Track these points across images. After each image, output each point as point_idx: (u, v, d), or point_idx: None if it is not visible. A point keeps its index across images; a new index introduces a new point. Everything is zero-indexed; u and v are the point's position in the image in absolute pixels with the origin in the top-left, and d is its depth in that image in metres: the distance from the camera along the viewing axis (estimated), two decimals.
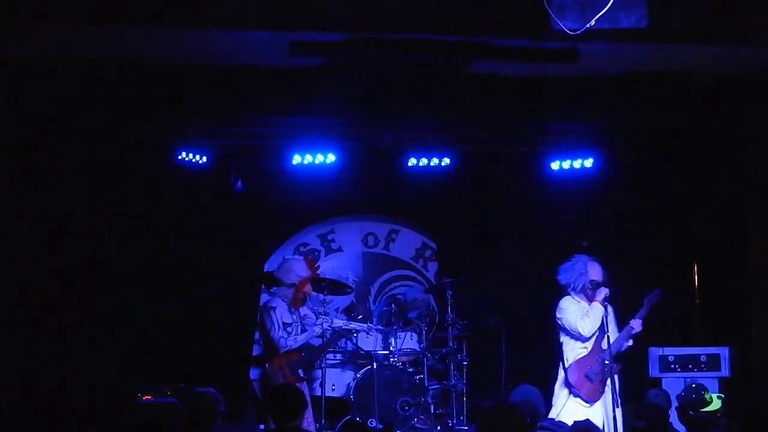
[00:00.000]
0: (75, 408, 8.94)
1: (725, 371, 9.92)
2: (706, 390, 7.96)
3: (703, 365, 10.03)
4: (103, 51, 8.73)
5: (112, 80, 9.01)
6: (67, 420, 8.94)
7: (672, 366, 10.08)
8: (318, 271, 10.09)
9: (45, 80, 8.95)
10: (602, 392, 8.87)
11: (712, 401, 7.84)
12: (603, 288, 9.03)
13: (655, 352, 10.13)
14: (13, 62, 8.81)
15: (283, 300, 9.72)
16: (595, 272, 9.10)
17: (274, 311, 9.56)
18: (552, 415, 8.63)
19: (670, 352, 10.12)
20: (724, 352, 10.01)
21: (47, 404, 9.01)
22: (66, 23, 7.94)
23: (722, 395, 8.39)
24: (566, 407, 8.84)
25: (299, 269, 9.84)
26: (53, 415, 8.83)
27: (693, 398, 7.82)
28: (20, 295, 9.29)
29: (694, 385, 8.12)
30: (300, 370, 9.68)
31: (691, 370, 10.03)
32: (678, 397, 7.98)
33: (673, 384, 9.87)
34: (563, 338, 9.12)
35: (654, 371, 10.10)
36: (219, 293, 10.98)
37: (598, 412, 8.78)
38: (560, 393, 9.02)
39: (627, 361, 9.51)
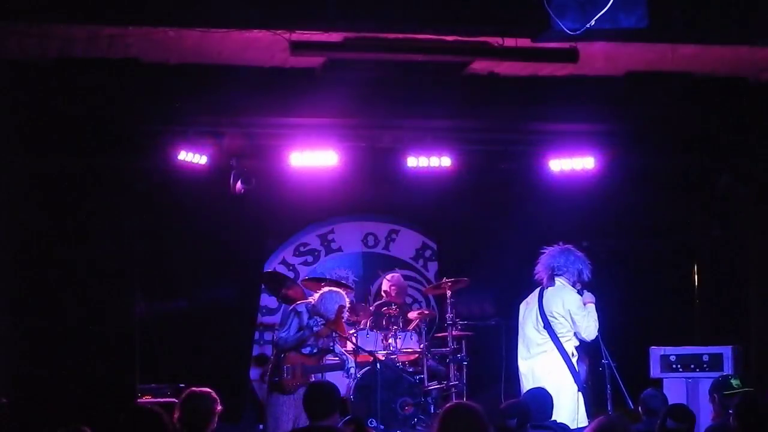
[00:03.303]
0: (74, 408, 8.94)
1: (728, 371, 9.79)
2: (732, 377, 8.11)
3: (705, 365, 9.84)
4: (103, 51, 8.73)
5: (112, 80, 9.01)
6: (67, 420, 8.93)
7: (674, 366, 9.90)
8: (344, 320, 9.97)
9: (45, 80, 8.95)
10: None
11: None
12: (590, 295, 8.88)
13: (657, 351, 9.97)
14: (13, 62, 8.80)
15: (307, 311, 9.63)
16: (587, 268, 8.97)
17: (295, 314, 9.53)
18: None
19: (672, 351, 9.97)
20: (726, 351, 9.83)
21: (47, 404, 9.02)
22: (66, 23, 7.94)
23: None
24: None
25: (323, 303, 9.55)
26: (53, 414, 8.83)
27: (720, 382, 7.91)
28: (20, 295, 9.30)
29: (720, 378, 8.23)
30: (313, 377, 9.63)
31: (693, 370, 9.85)
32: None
33: (674, 385, 9.76)
34: (564, 331, 8.79)
35: (655, 371, 9.95)
36: (219, 293, 10.99)
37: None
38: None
39: (627, 362, 9.53)
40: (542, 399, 7.48)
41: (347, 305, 9.60)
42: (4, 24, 7.90)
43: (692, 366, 9.86)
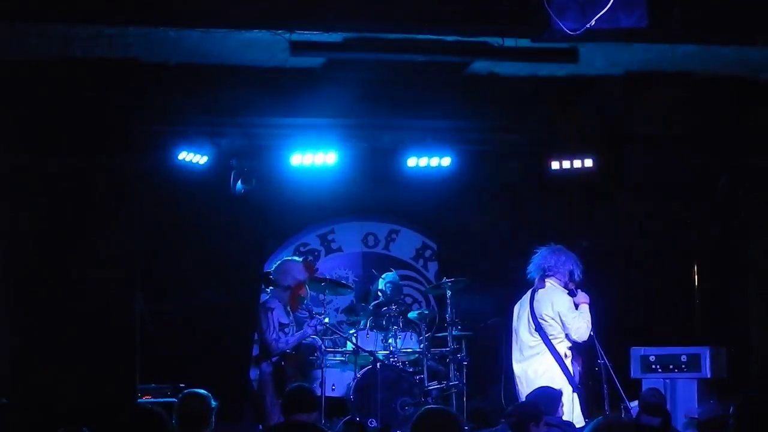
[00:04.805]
0: (75, 408, 8.94)
1: (706, 372, 9.64)
2: None
3: (683, 366, 9.70)
4: (103, 51, 8.73)
5: (112, 80, 9.01)
6: (67, 420, 8.93)
7: (653, 366, 9.78)
8: (317, 273, 10.06)
9: (45, 80, 8.95)
10: None
11: None
12: (585, 294, 8.85)
13: (637, 352, 9.88)
14: (13, 62, 8.80)
15: (279, 301, 9.71)
16: (579, 267, 8.95)
17: (272, 312, 9.55)
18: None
19: (652, 352, 9.87)
20: (705, 352, 9.68)
21: (47, 404, 9.01)
22: (66, 23, 7.94)
23: None
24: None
25: (296, 272, 9.77)
26: (53, 414, 8.83)
27: None
28: (20, 295, 9.29)
29: None
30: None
31: (672, 371, 9.71)
32: None
33: (653, 385, 9.55)
34: (555, 332, 8.77)
35: (635, 372, 9.87)
36: (219, 293, 10.98)
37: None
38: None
39: (626, 362, 9.53)
40: (549, 396, 7.51)
41: (304, 280, 9.73)
42: (4, 24, 7.90)
43: (671, 366, 9.73)
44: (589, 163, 10.68)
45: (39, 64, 8.86)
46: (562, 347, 8.72)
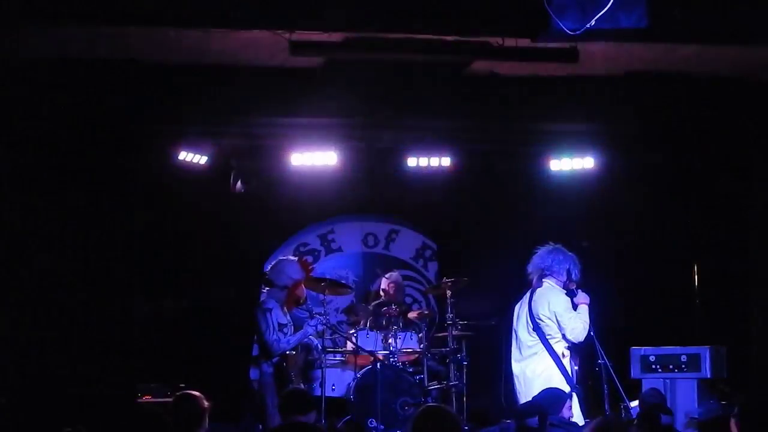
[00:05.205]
0: (74, 408, 8.94)
1: (706, 372, 9.65)
2: None
3: (683, 366, 9.71)
4: (103, 51, 8.73)
5: (112, 80, 9.02)
6: (66, 420, 8.94)
7: (653, 366, 9.78)
8: (313, 273, 10.02)
9: (45, 80, 8.95)
10: None
11: None
12: (585, 295, 8.84)
13: (637, 352, 9.90)
14: (13, 62, 8.81)
15: (277, 301, 9.68)
16: (577, 267, 8.94)
17: (270, 313, 9.51)
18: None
19: (652, 352, 9.88)
20: (704, 352, 9.63)
21: (46, 404, 9.02)
22: (66, 23, 7.95)
23: None
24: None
25: (292, 271, 9.68)
26: (53, 414, 8.83)
27: None
28: (21, 295, 9.30)
29: None
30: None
31: (672, 371, 9.72)
32: None
33: (653, 385, 9.54)
34: (553, 332, 8.76)
35: (635, 372, 9.87)
36: (219, 293, 10.99)
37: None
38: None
39: (626, 362, 9.53)
40: (555, 397, 7.52)
41: (300, 279, 9.71)
42: (4, 24, 7.90)
43: (671, 366, 9.73)
44: (589, 163, 10.68)
45: (39, 64, 8.86)
46: (560, 347, 8.72)
